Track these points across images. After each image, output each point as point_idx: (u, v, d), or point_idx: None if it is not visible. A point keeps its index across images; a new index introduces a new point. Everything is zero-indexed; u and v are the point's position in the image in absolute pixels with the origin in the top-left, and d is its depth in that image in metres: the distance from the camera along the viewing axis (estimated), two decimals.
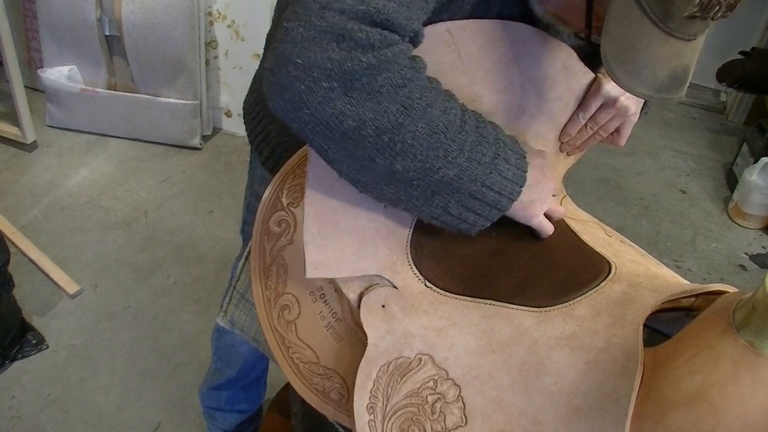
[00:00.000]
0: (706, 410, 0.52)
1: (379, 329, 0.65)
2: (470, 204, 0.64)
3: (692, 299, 0.65)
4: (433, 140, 0.59)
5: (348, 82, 0.55)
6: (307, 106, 0.56)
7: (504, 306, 0.65)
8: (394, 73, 0.56)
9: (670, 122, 2.94)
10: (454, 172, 0.60)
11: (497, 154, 0.63)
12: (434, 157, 0.59)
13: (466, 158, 0.61)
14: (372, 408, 0.63)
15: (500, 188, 0.64)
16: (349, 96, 0.56)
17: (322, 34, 0.55)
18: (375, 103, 0.56)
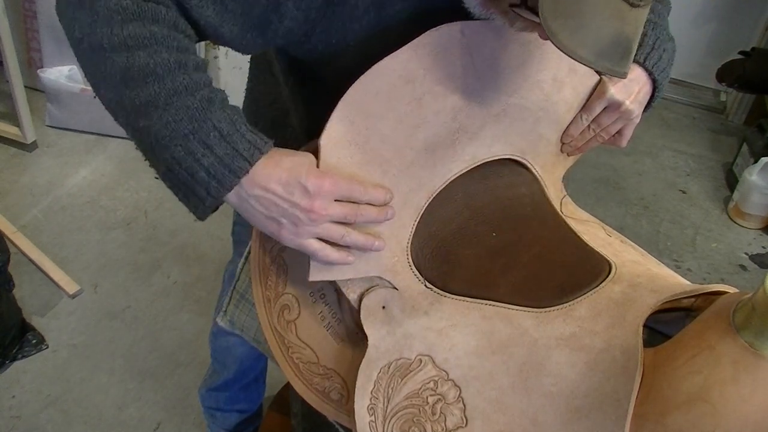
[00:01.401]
0: (706, 411, 0.52)
1: (380, 330, 0.65)
2: (169, 171, 0.59)
3: (692, 300, 0.65)
4: (128, 78, 0.58)
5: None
6: (60, 13, 0.65)
7: (504, 307, 0.65)
8: (115, 0, 0.58)
9: (670, 122, 2.94)
10: (143, 122, 0.58)
11: (195, 131, 0.57)
12: (126, 95, 0.58)
13: (158, 116, 0.57)
14: (373, 409, 0.63)
15: (191, 170, 0.58)
16: (80, 8, 0.60)
17: None
18: (90, 19, 0.59)
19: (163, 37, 0.59)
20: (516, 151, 0.76)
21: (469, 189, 0.74)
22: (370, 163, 0.63)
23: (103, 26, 0.58)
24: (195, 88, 0.58)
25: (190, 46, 0.62)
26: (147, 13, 0.59)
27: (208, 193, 0.59)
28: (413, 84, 0.64)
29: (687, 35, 3.07)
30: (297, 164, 0.60)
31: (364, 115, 0.62)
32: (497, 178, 0.76)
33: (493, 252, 0.70)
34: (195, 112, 0.57)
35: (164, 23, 0.60)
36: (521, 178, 0.79)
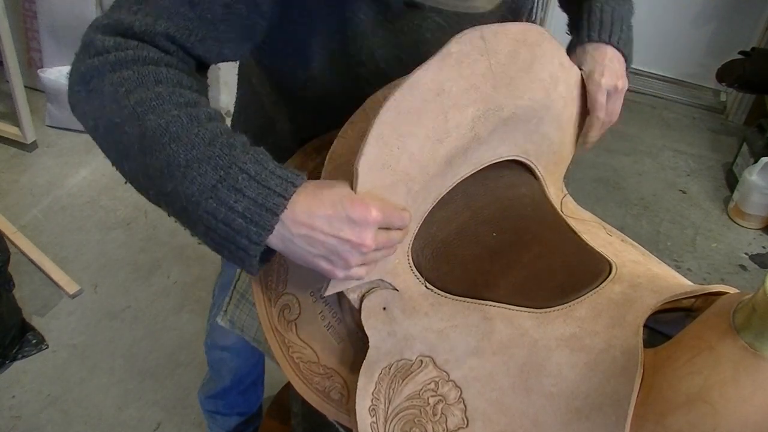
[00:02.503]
0: (706, 411, 0.52)
1: (380, 331, 0.65)
2: (209, 230, 0.57)
3: (693, 300, 0.65)
4: (145, 146, 0.57)
5: (86, 84, 0.60)
6: (72, 109, 0.63)
7: (504, 307, 0.65)
8: (117, 75, 0.59)
9: (670, 122, 2.94)
10: (170, 186, 0.56)
11: (223, 179, 0.55)
12: (149, 165, 0.57)
13: (181, 174, 0.56)
14: (374, 410, 0.63)
15: (228, 220, 0.55)
16: (87, 98, 0.60)
17: (81, 47, 0.62)
18: (96, 106, 0.60)
19: (170, 95, 0.59)
20: (520, 152, 0.76)
21: (469, 189, 0.74)
22: (398, 182, 0.62)
23: (111, 103, 0.59)
24: (213, 138, 0.57)
25: (199, 99, 0.61)
26: (148, 77, 0.59)
27: (250, 241, 0.56)
28: (442, 97, 0.63)
29: (687, 35, 3.07)
30: (339, 197, 0.58)
31: (396, 134, 0.61)
32: (497, 179, 0.76)
33: (494, 252, 0.70)
34: (218, 160, 0.56)
35: (168, 82, 0.60)
36: (521, 177, 0.79)
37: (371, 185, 0.60)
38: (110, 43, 0.60)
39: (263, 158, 0.57)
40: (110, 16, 0.61)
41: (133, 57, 0.60)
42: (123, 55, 0.59)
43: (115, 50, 0.60)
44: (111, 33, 0.61)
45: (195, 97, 0.61)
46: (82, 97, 0.61)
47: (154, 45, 0.61)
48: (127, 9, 0.61)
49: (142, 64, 0.60)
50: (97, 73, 0.59)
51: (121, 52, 0.60)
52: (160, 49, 0.62)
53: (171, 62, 0.62)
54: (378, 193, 0.61)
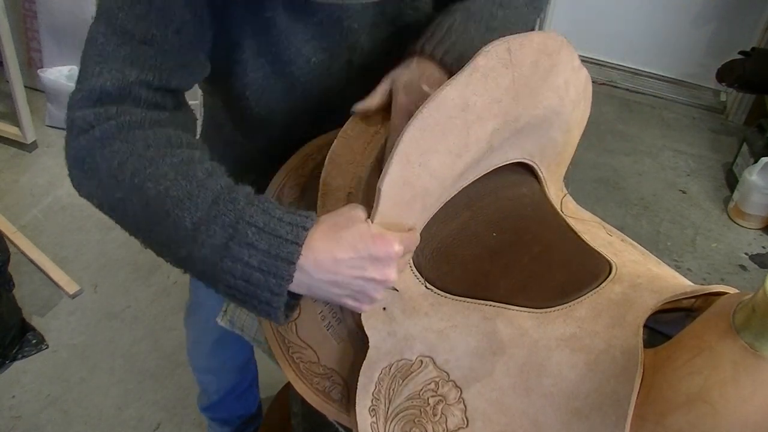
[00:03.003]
0: (706, 411, 0.52)
1: (381, 332, 0.65)
2: (229, 288, 0.56)
3: (693, 300, 0.65)
4: (150, 215, 0.57)
5: (81, 166, 0.61)
6: (78, 191, 0.63)
7: (504, 307, 0.65)
8: (107, 150, 0.59)
9: (670, 122, 2.94)
10: (184, 251, 0.56)
11: (232, 236, 0.55)
12: (159, 233, 0.58)
13: (191, 238, 0.55)
14: (374, 410, 0.63)
15: (246, 276, 0.55)
16: (86, 178, 0.61)
17: (66, 128, 0.62)
18: (96, 182, 0.60)
19: (162, 158, 0.59)
20: (526, 155, 0.76)
21: (469, 189, 0.74)
22: (416, 198, 0.62)
23: (108, 179, 0.59)
24: (215, 197, 0.56)
25: (192, 155, 0.61)
26: (137, 144, 0.60)
27: (272, 293, 0.55)
28: (466, 112, 0.62)
29: (687, 35, 3.06)
30: (359, 236, 0.56)
31: (419, 151, 0.60)
32: (498, 178, 0.76)
33: (494, 252, 0.70)
34: (224, 218, 0.55)
35: (157, 145, 0.60)
36: (522, 177, 0.79)
37: (392, 202, 0.60)
38: (91, 118, 0.60)
39: (269, 206, 0.56)
40: (81, 88, 0.62)
41: (116, 126, 0.60)
42: (106, 127, 0.60)
43: (98, 123, 0.60)
44: (88, 105, 0.61)
45: (187, 153, 0.61)
46: (81, 180, 0.62)
47: (133, 100, 0.62)
48: (92, 73, 0.61)
49: (127, 130, 0.60)
50: (87, 153, 0.60)
51: (103, 124, 0.60)
52: (140, 103, 0.62)
53: (154, 117, 0.63)
54: (398, 209, 0.61)
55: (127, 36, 0.61)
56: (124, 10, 0.61)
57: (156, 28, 0.62)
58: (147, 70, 0.62)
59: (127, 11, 0.61)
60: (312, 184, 0.78)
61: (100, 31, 0.62)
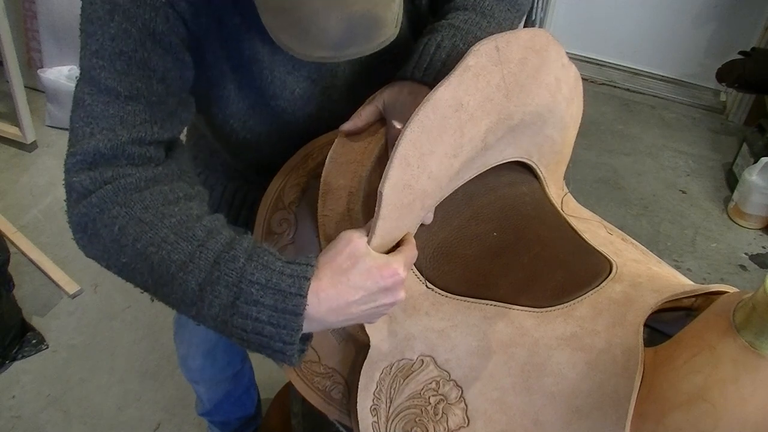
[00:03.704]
0: (706, 410, 0.52)
1: (381, 331, 0.65)
2: (243, 340, 0.57)
3: (693, 299, 0.65)
4: (156, 279, 0.58)
5: (84, 232, 0.61)
6: (84, 253, 0.63)
7: (505, 307, 0.65)
8: (107, 216, 0.60)
9: (670, 122, 2.94)
10: (194, 310, 0.58)
11: (237, 295, 0.56)
12: (167, 294, 0.59)
13: (199, 299, 0.56)
14: (375, 410, 0.63)
15: (257, 330, 0.56)
16: (90, 243, 0.62)
17: (66, 193, 0.62)
18: (101, 247, 0.61)
19: (161, 220, 0.59)
20: (524, 154, 0.76)
21: (469, 188, 0.74)
22: (415, 200, 0.62)
23: (111, 245, 0.60)
24: (216, 258, 0.57)
25: (190, 210, 0.61)
26: (135, 207, 0.60)
27: (284, 343, 0.56)
28: (460, 112, 0.63)
29: (687, 35, 3.06)
30: (366, 274, 0.57)
31: (418, 154, 0.61)
32: (497, 177, 0.77)
33: (494, 252, 0.70)
34: (227, 279, 0.56)
35: (154, 206, 0.60)
36: (521, 176, 0.79)
37: (393, 206, 0.60)
38: (87, 183, 0.60)
39: (269, 260, 0.57)
40: (75, 152, 0.61)
41: (113, 191, 0.60)
42: (104, 193, 0.60)
43: (95, 189, 0.60)
44: (84, 169, 0.61)
45: (185, 210, 0.61)
46: (86, 244, 0.62)
47: (127, 158, 0.62)
48: (83, 134, 0.61)
49: (124, 194, 0.60)
50: (88, 219, 0.60)
51: (100, 190, 0.60)
52: (134, 161, 0.62)
53: (149, 176, 0.62)
54: (399, 212, 0.61)
55: (113, 94, 0.61)
56: (105, 68, 0.61)
57: (140, 81, 0.62)
58: (138, 126, 0.62)
59: (108, 69, 0.61)
60: (312, 183, 0.78)
61: (85, 92, 0.62)
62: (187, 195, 0.64)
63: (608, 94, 3.07)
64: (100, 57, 0.61)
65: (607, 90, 3.11)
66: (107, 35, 0.61)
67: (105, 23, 0.60)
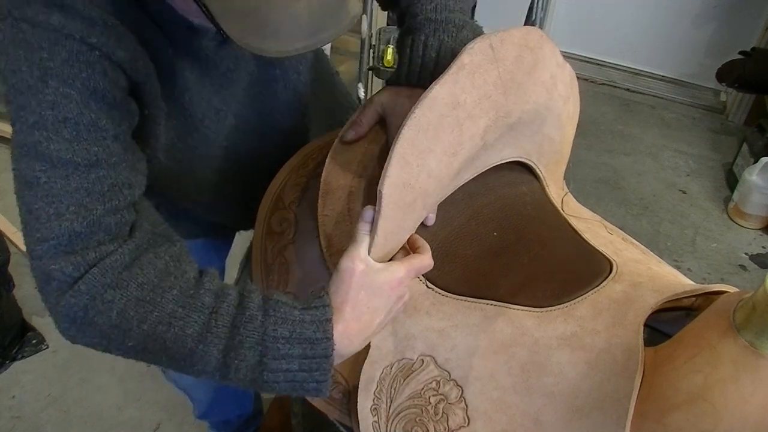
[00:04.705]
0: (707, 410, 0.52)
1: (381, 331, 0.65)
2: (275, 389, 0.58)
3: (693, 299, 0.65)
4: (173, 356, 0.56)
5: (73, 322, 0.56)
6: (73, 341, 0.58)
7: (505, 306, 0.65)
8: (99, 302, 0.55)
9: (670, 122, 2.94)
10: (219, 375, 0.57)
11: (263, 354, 0.56)
12: (188, 367, 0.57)
13: (223, 366, 0.56)
14: (376, 409, 0.63)
15: (289, 378, 0.57)
16: (82, 333, 0.57)
17: (39, 281, 0.57)
18: (98, 334, 0.57)
19: (162, 296, 0.56)
20: (523, 154, 0.76)
21: (469, 189, 0.74)
22: (416, 199, 0.63)
23: (112, 330, 0.56)
24: (232, 323, 0.56)
25: (186, 272, 0.59)
26: (129, 288, 0.56)
27: (317, 382, 0.58)
28: (457, 110, 0.63)
29: (687, 35, 3.07)
30: (378, 293, 0.59)
31: (417, 152, 0.61)
32: (498, 177, 0.77)
33: (494, 252, 0.70)
34: (249, 341, 0.55)
35: (149, 283, 0.57)
36: (522, 176, 0.79)
37: (394, 205, 0.60)
38: (70, 270, 0.55)
39: (286, 311, 0.57)
40: (44, 237, 0.55)
41: (101, 273, 0.56)
42: (91, 278, 0.55)
43: (80, 275, 0.56)
44: (61, 254, 0.55)
45: (181, 278, 0.58)
46: (76, 334, 0.58)
47: (105, 232, 0.57)
48: (47, 216, 0.55)
49: (113, 274, 0.56)
50: (78, 308, 0.56)
51: (87, 275, 0.55)
52: (111, 233, 0.57)
53: (131, 247, 0.58)
54: (400, 212, 0.61)
55: (71, 165, 0.55)
56: (52, 140, 0.55)
57: (95, 145, 0.56)
58: (107, 194, 0.57)
59: (56, 140, 0.55)
60: (312, 183, 0.78)
61: (36, 169, 0.55)
62: (173, 256, 0.60)
63: (608, 94, 3.07)
64: (42, 128, 0.55)
65: (607, 90, 3.10)
66: (45, 104, 0.55)
67: (38, 91, 0.54)
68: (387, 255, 0.63)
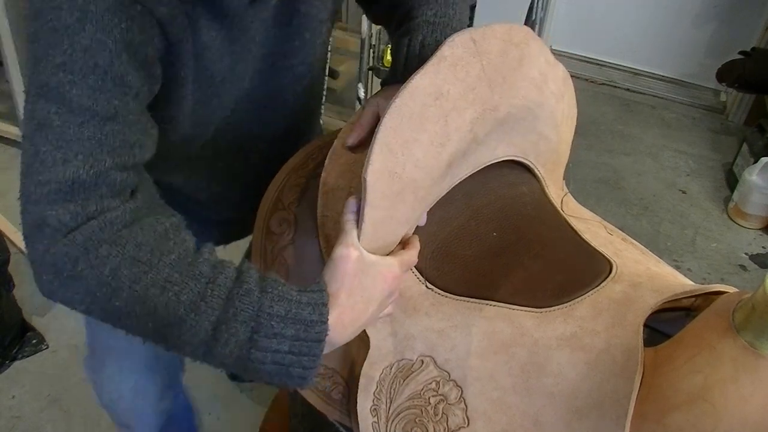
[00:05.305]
0: (706, 410, 0.52)
1: (381, 331, 0.66)
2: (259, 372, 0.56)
3: (693, 299, 0.65)
4: (160, 322, 0.54)
5: (58, 273, 0.54)
6: (49, 296, 0.56)
7: (505, 307, 0.65)
8: (93, 256, 0.53)
9: (670, 122, 2.94)
10: (202, 349, 0.55)
11: (256, 330, 0.54)
12: (172, 336, 0.54)
13: (212, 338, 0.54)
14: (375, 410, 0.63)
15: (276, 359, 0.55)
16: (65, 287, 0.55)
17: (29, 227, 0.55)
18: (83, 290, 0.54)
19: (159, 259, 0.54)
20: (518, 152, 0.76)
21: (469, 189, 0.74)
22: (405, 189, 0.62)
23: (100, 287, 0.54)
24: (228, 293, 0.54)
25: (185, 241, 0.57)
26: (127, 246, 0.54)
27: (304, 368, 0.56)
28: (441, 101, 0.63)
29: (687, 35, 3.07)
30: (372, 283, 0.59)
31: (401, 141, 0.61)
32: (497, 178, 0.76)
33: (494, 252, 0.70)
34: (243, 314, 0.54)
35: (148, 244, 0.55)
36: (521, 177, 0.79)
37: (381, 194, 0.60)
38: (67, 218, 0.54)
39: (283, 290, 0.56)
40: (45, 180, 0.54)
41: (99, 227, 0.54)
42: (88, 230, 0.54)
43: (77, 225, 0.54)
44: (60, 201, 0.54)
45: (181, 245, 0.57)
46: (56, 288, 0.55)
47: (108, 187, 0.55)
48: (54, 160, 0.54)
49: (111, 230, 0.54)
50: (68, 259, 0.53)
51: (84, 225, 0.54)
52: (115, 190, 0.56)
53: (132, 207, 0.57)
54: (388, 201, 0.61)
55: (89, 113, 0.54)
56: (76, 84, 0.54)
57: (116, 99, 0.56)
58: (118, 149, 0.56)
59: (80, 85, 0.54)
60: (312, 183, 0.78)
61: (51, 111, 0.54)
62: (173, 224, 0.59)
63: (608, 94, 3.07)
64: (68, 71, 0.53)
65: (607, 90, 3.10)
66: (78, 46, 0.53)
67: (75, 32, 0.53)
68: (381, 248, 0.62)
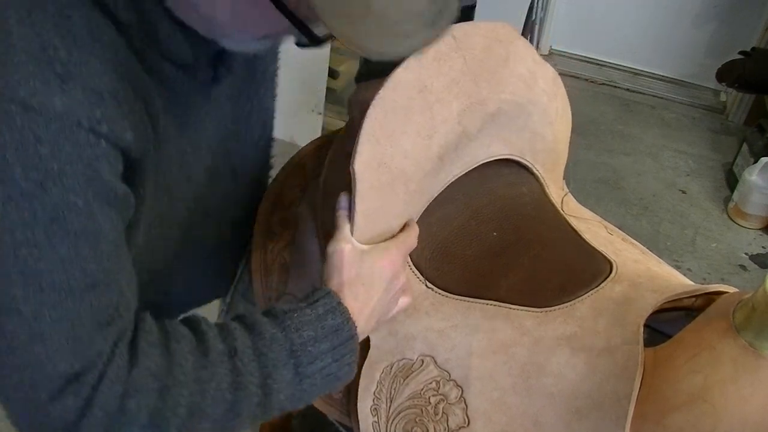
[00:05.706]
0: (706, 411, 0.52)
1: (381, 331, 0.66)
2: (313, 391, 0.57)
3: (693, 299, 0.65)
4: (215, 416, 0.51)
5: None
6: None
7: (505, 306, 0.65)
8: (120, 418, 0.47)
9: (670, 122, 2.94)
10: (259, 411, 0.54)
11: (297, 365, 0.54)
12: (233, 418, 0.52)
13: (263, 397, 0.53)
14: (376, 410, 0.63)
15: (325, 373, 0.56)
16: None
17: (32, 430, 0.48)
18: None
19: (179, 371, 0.50)
20: (515, 151, 0.76)
21: (469, 189, 0.74)
22: (395, 181, 0.63)
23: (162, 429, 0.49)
24: (255, 352, 0.53)
25: (190, 337, 0.53)
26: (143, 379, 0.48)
27: (348, 364, 0.58)
28: (425, 93, 0.63)
29: (687, 35, 3.07)
30: (369, 270, 0.60)
31: (388, 132, 0.61)
32: (497, 178, 0.76)
33: (494, 252, 0.70)
34: (280, 360, 0.53)
35: (159, 375, 0.49)
36: (521, 177, 0.79)
37: (369, 184, 0.60)
38: (71, 404, 0.46)
39: (299, 314, 0.56)
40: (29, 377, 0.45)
41: (108, 389, 0.46)
42: (101, 398, 0.46)
43: (85, 402, 0.46)
44: (56, 397, 0.45)
45: (183, 340, 0.52)
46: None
47: (106, 362, 0.47)
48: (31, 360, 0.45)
49: (122, 382, 0.47)
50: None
51: (96, 397, 0.46)
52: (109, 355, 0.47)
53: (126, 342, 0.49)
54: (379, 192, 0.61)
55: (64, 290, 0.45)
56: (42, 260, 0.44)
57: (93, 261, 0.46)
58: (107, 318, 0.48)
59: (48, 259, 0.44)
60: (312, 183, 0.78)
61: (16, 297, 0.44)
62: (163, 330, 0.53)
63: (608, 94, 3.07)
64: (32, 245, 0.43)
65: (607, 90, 3.10)
66: (40, 218, 0.43)
67: (33, 198, 0.43)
68: (375, 240, 0.62)
